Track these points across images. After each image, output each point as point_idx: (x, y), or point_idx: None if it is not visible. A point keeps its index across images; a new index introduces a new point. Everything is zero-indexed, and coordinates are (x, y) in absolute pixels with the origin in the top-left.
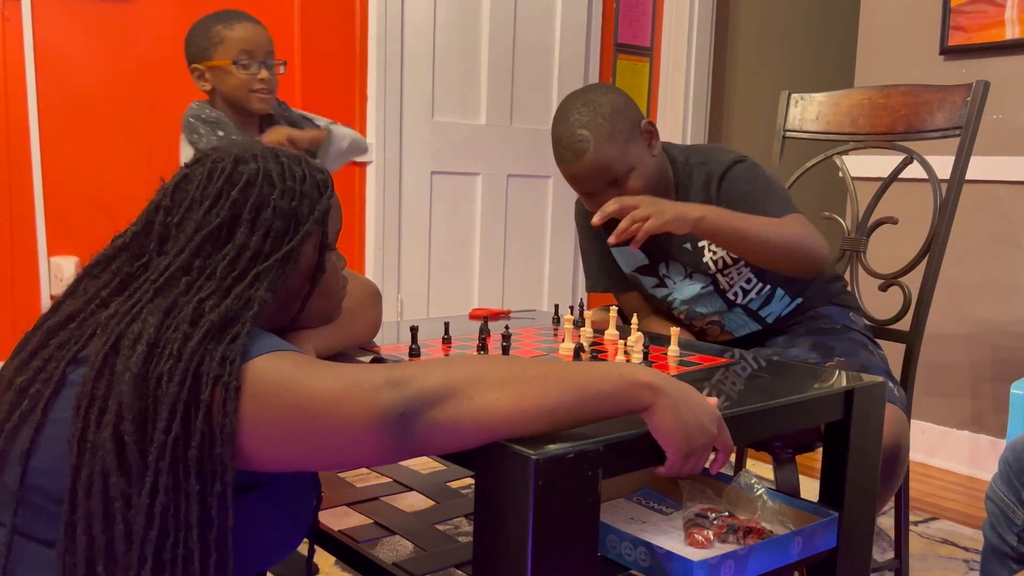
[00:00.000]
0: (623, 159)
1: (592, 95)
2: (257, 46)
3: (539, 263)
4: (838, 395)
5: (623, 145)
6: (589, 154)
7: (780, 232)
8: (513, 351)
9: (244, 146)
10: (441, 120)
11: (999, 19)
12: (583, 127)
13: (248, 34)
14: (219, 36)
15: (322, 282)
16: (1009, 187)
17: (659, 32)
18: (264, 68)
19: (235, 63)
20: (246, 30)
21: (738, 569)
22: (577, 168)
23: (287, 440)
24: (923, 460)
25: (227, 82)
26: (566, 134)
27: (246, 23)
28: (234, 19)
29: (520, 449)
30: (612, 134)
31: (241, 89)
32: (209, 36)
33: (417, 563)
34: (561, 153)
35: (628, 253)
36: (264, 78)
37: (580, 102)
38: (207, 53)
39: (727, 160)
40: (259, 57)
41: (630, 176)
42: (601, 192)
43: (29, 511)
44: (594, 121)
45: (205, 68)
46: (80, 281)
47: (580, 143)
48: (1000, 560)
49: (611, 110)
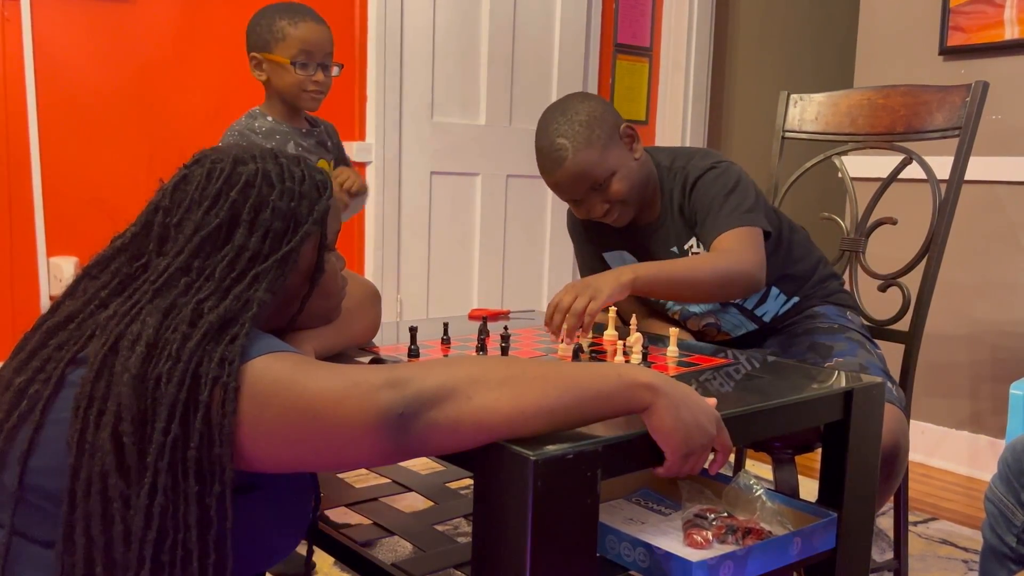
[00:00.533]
0: (603, 164)
1: (568, 104)
2: (317, 47)
3: (538, 263)
4: (837, 395)
5: (601, 150)
6: (568, 161)
7: (711, 268)
8: (512, 352)
9: (243, 147)
10: (441, 120)
11: (998, 19)
12: (561, 136)
13: (311, 35)
14: (282, 32)
15: (321, 283)
16: (1009, 187)
17: (659, 32)
18: (321, 70)
19: (293, 63)
20: (309, 30)
21: (737, 569)
22: (559, 176)
23: (286, 441)
24: (922, 460)
25: (283, 78)
26: (546, 145)
27: (311, 22)
28: (300, 16)
29: (519, 450)
30: (590, 140)
31: (295, 88)
32: (272, 30)
33: (416, 564)
34: (543, 164)
35: (621, 258)
36: (319, 80)
37: (558, 112)
38: (268, 45)
39: (702, 167)
40: (317, 58)
41: (612, 180)
42: (586, 198)
43: (28, 512)
44: (571, 129)
45: (263, 59)
46: (79, 282)
47: (559, 151)
48: (999, 561)
49: (587, 117)
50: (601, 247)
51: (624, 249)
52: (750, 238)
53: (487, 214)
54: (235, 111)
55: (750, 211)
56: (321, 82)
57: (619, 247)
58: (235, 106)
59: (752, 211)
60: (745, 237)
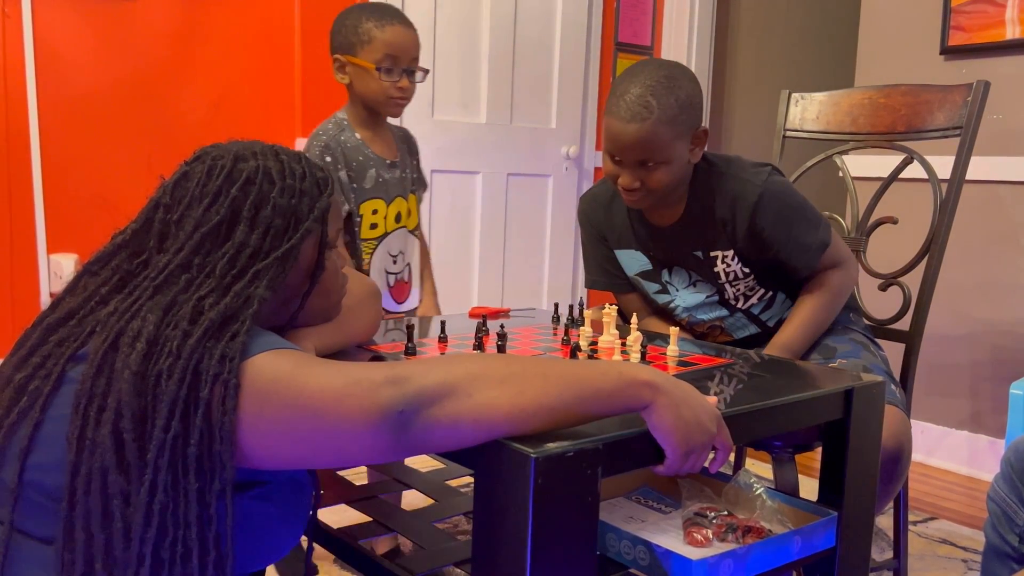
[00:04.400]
0: (668, 148)
1: (677, 73)
2: (404, 52)
3: (539, 262)
4: (837, 394)
5: (675, 136)
6: (645, 124)
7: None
8: (510, 350)
9: (244, 143)
10: (441, 119)
11: (999, 19)
12: (654, 96)
13: (397, 39)
14: (368, 35)
15: (322, 280)
16: (1009, 187)
17: (659, 31)
18: (406, 76)
19: (378, 68)
20: (396, 34)
21: (737, 568)
22: (627, 129)
23: (286, 438)
24: (922, 460)
25: (366, 84)
26: (634, 92)
27: (398, 26)
28: (387, 19)
29: (519, 447)
30: (675, 120)
31: (380, 95)
32: (358, 32)
33: (416, 561)
34: (618, 107)
35: (632, 257)
36: (404, 87)
37: (664, 73)
38: (352, 48)
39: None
40: (403, 64)
41: (661, 167)
42: (629, 166)
43: (27, 508)
44: (666, 98)
45: (347, 62)
46: (80, 278)
47: (643, 108)
48: (1001, 560)
49: (687, 98)
50: (615, 245)
51: (638, 249)
52: (838, 241)
53: (487, 213)
54: (235, 108)
55: (816, 225)
56: (406, 89)
57: (633, 247)
58: (235, 103)
59: (818, 224)
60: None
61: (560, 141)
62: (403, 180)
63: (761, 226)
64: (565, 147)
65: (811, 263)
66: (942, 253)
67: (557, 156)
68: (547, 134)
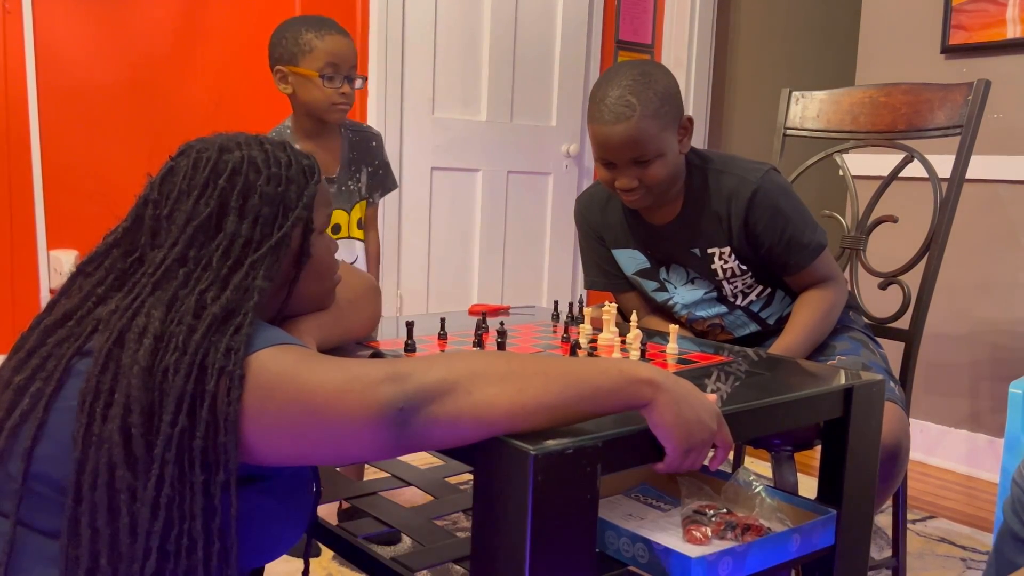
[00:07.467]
0: (657, 141)
1: (649, 69)
2: (344, 60)
3: (539, 260)
4: (837, 393)
5: (662, 128)
6: (631, 122)
7: (826, 322)
8: (510, 347)
9: (228, 135)
10: (441, 116)
11: (1000, 18)
12: (633, 94)
13: (337, 47)
14: (309, 45)
15: (314, 265)
16: (1009, 186)
17: (660, 29)
18: (347, 83)
19: (321, 76)
20: (336, 43)
21: (736, 566)
22: (614, 131)
23: (288, 433)
24: (921, 459)
25: (309, 92)
26: (613, 95)
27: (336, 35)
28: (326, 29)
29: (519, 445)
30: (658, 113)
31: (323, 101)
32: (299, 42)
33: (415, 558)
34: (601, 112)
35: (629, 256)
36: (346, 92)
37: (638, 71)
38: (294, 58)
39: (752, 182)
40: (344, 71)
41: (656, 162)
42: (623, 167)
43: (32, 501)
44: (645, 94)
45: (289, 72)
46: (74, 280)
47: (625, 108)
48: (1016, 544)
49: (664, 90)
50: (613, 245)
51: (636, 248)
52: (826, 265)
53: (487, 210)
54: (236, 103)
55: (812, 228)
56: (348, 94)
57: (631, 246)
58: (236, 98)
59: (814, 227)
60: (827, 254)
61: (560, 139)
62: (342, 194)
63: (755, 222)
64: (565, 145)
65: (803, 262)
66: (942, 252)
67: (557, 154)
68: (547, 132)
